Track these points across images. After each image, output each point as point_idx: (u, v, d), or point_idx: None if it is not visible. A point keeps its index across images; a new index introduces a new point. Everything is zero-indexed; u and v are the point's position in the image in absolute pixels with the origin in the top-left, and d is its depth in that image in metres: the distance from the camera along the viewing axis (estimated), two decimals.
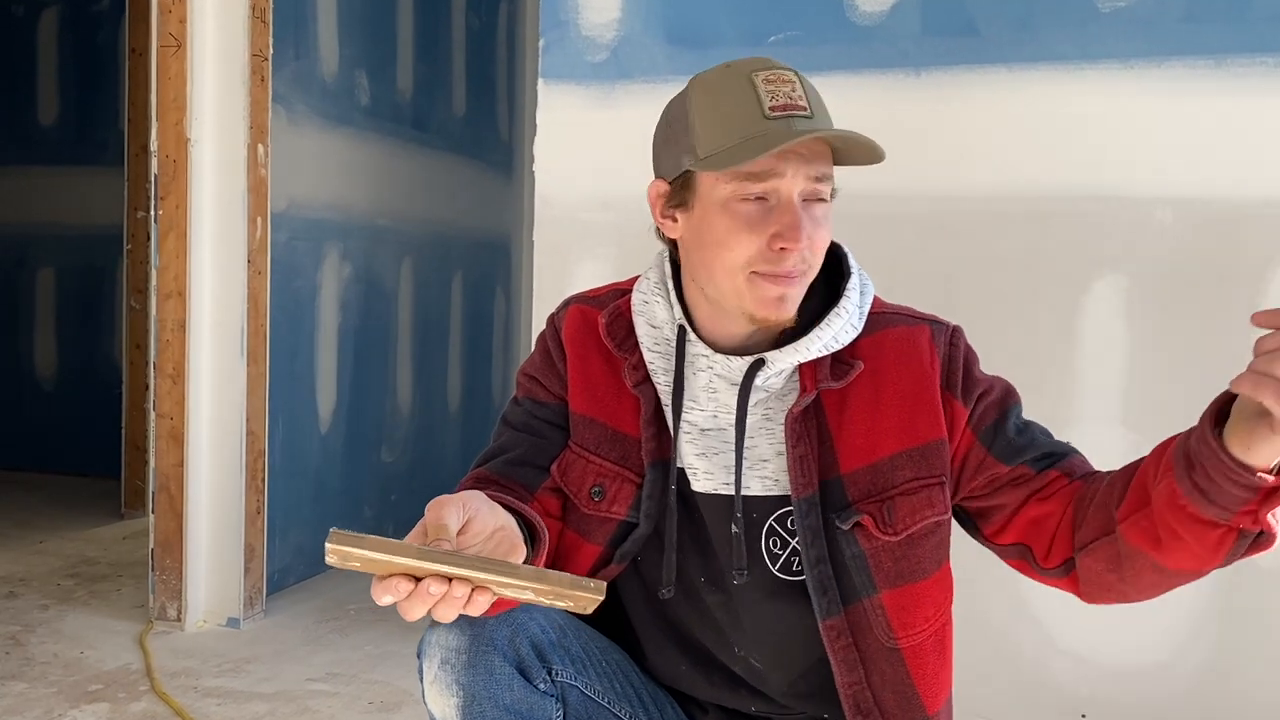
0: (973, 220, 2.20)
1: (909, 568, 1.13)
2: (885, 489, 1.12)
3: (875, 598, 1.12)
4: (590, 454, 1.17)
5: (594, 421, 1.18)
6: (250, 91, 2.74)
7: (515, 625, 1.08)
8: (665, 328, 1.16)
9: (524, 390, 1.23)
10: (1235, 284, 2.09)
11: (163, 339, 2.75)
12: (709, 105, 1.09)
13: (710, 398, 1.14)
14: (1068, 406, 2.18)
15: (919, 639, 1.14)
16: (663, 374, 1.15)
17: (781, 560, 1.14)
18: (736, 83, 1.08)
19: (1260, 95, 2.05)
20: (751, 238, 1.06)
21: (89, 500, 4.13)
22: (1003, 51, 2.17)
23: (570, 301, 1.25)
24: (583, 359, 1.20)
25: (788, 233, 1.06)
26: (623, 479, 1.16)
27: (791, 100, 1.06)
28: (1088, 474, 1.13)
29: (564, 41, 2.42)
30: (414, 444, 3.80)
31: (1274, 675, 2.11)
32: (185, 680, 2.43)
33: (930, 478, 1.13)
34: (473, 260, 4.15)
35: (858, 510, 1.12)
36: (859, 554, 1.12)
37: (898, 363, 1.14)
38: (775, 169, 1.06)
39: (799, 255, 1.07)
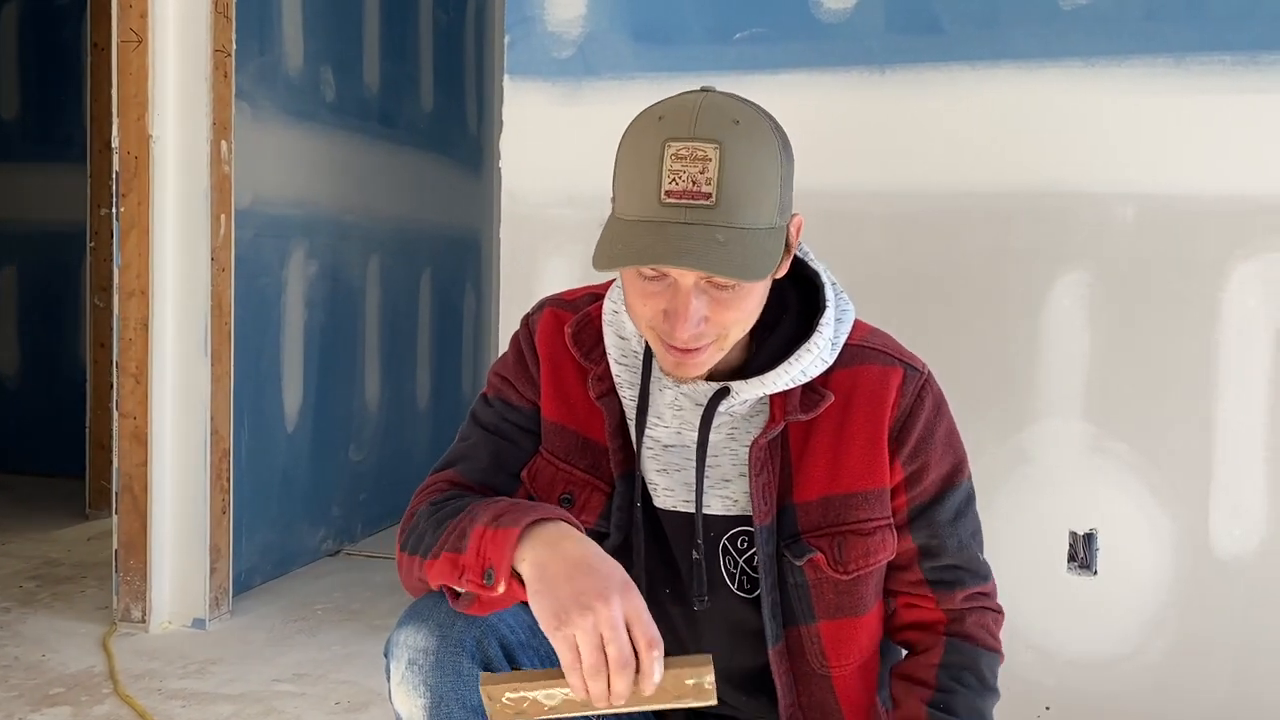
0: (937, 217, 2.22)
1: (849, 603, 1.14)
2: (837, 524, 1.12)
3: (813, 626, 1.14)
4: (561, 461, 1.17)
5: (565, 429, 1.17)
6: (213, 87, 2.71)
7: (485, 627, 1.07)
8: (634, 340, 1.15)
9: (495, 390, 1.22)
10: (1195, 279, 2.11)
11: (125, 338, 2.72)
12: (625, 161, 1.04)
13: (675, 415, 1.13)
14: (1031, 400, 2.19)
15: (848, 669, 1.16)
16: (628, 387, 1.14)
17: (737, 579, 1.15)
18: (651, 149, 1.00)
19: (1219, 93, 2.07)
20: (647, 307, 1.04)
21: (52, 501, 4.08)
22: (966, 49, 2.18)
23: (545, 304, 1.23)
24: (555, 365, 1.18)
25: (670, 314, 1.02)
26: (593, 488, 1.16)
27: (694, 187, 0.97)
28: (954, 613, 1.17)
29: (530, 38, 2.41)
30: (382, 442, 3.78)
31: (1234, 666, 2.14)
32: (149, 682, 2.41)
33: (883, 519, 1.13)
34: (442, 257, 4.13)
35: (811, 546, 1.12)
36: (802, 584, 1.13)
37: (866, 402, 1.13)
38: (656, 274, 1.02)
39: (693, 335, 1.03)
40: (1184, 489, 2.15)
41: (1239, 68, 2.06)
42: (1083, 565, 2.21)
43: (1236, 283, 2.09)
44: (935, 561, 1.16)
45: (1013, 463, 2.21)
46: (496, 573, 0.97)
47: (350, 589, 3.14)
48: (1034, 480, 2.20)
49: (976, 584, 1.18)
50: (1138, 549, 2.17)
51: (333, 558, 3.49)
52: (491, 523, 1.00)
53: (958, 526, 1.16)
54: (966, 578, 1.17)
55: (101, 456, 3.86)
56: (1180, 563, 2.15)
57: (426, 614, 1.09)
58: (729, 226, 0.98)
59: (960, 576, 1.17)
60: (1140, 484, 2.16)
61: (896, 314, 2.24)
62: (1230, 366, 2.11)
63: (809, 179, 2.30)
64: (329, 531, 3.51)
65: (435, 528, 1.07)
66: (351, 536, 3.63)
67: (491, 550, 0.98)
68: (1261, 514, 2.11)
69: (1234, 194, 2.08)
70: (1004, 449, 2.21)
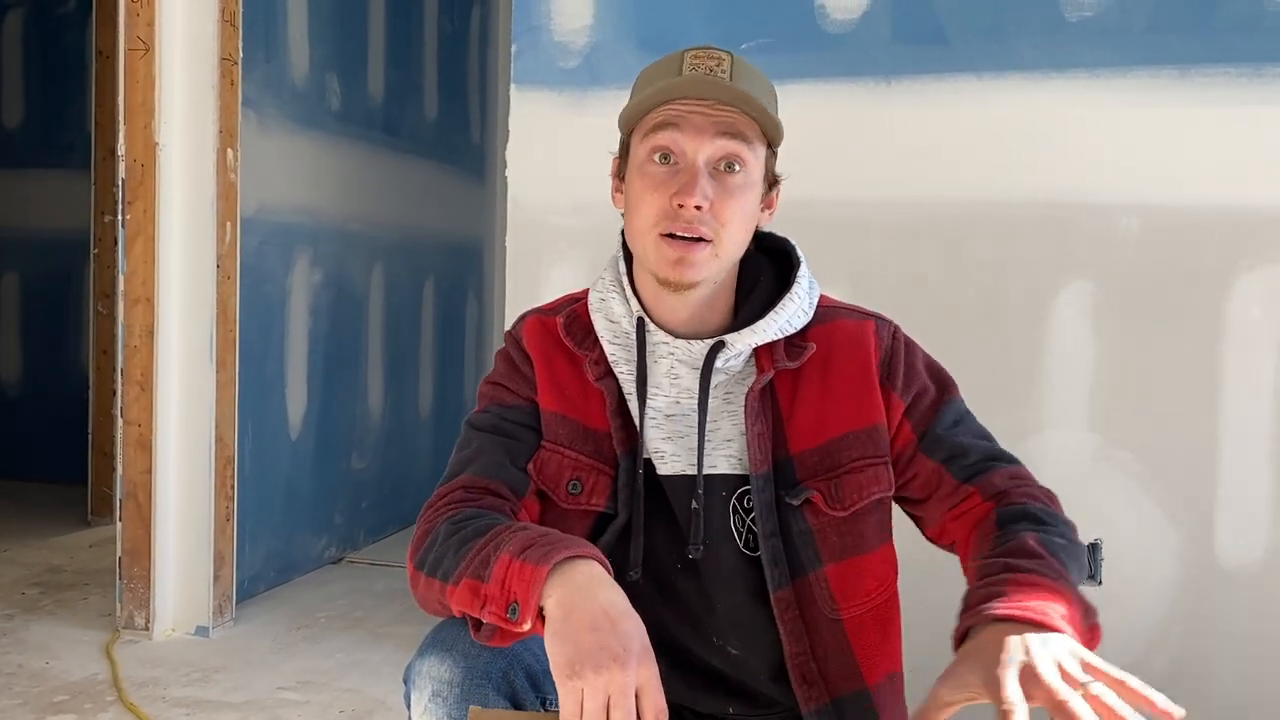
0: (942, 226, 2.22)
1: (852, 542, 1.17)
2: (833, 468, 1.17)
3: (820, 571, 1.16)
4: (565, 449, 1.19)
5: (565, 418, 1.20)
6: (219, 95, 2.72)
7: (510, 657, 1.06)
8: (623, 321, 1.20)
9: (488, 399, 1.24)
10: (1200, 290, 2.12)
11: (130, 345, 2.72)
12: (643, 77, 1.20)
13: (673, 383, 1.18)
14: (1036, 410, 2.20)
15: (860, 612, 1.17)
16: (625, 365, 1.19)
17: (743, 535, 1.17)
18: (670, 59, 1.16)
19: (1223, 104, 2.08)
20: (656, 196, 1.13)
21: (55, 507, 4.07)
22: (972, 60, 2.19)
23: (526, 315, 1.29)
24: (548, 361, 1.22)
25: (684, 189, 1.11)
26: (598, 471, 1.18)
27: (710, 70, 1.12)
28: (998, 494, 1.15)
29: (536, 47, 2.42)
30: (385, 450, 3.78)
31: (1238, 677, 2.14)
32: (153, 690, 2.41)
33: (875, 457, 1.18)
34: (444, 265, 4.14)
35: (807, 488, 1.16)
36: (806, 529, 1.16)
37: (846, 349, 1.20)
38: (674, 121, 1.12)
39: (698, 216, 1.11)
40: (1189, 499, 2.15)
41: (1243, 80, 2.07)
42: (1088, 575, 2.21)
43: (1240, 293, 2.10)
44: (961, 462, 1.18)
45: None
46: (522, 609, 0.95)
47: (353, 596, 3.14)
48: None
49: (1011, 466, 1.18)
50: (1143, 559, 2.17)
51: (335, 565, 3.49)
52: (520, 554, 0.97)
53: (967, 426, 1.21)
54: (997, 464, 1.18)
55: (104, 463, 3.86)
56: (1185, 573, 2.15)
57: (451, 643, 1.07)
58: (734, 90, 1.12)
59: (990, 465, 1.18)
60: (1145, 494, 2.16)
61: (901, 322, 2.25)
62: (1234, 377, 2.11)
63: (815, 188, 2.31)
64: (332, 539, 3.51)
65: (457, 549, 1.04)
66: (354, 544, 3.63)
67: (518, 584, 0.95)
68: (1267, 525, 2.11)
69: (1238, 205, 2.09)
70: None
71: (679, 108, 1.12)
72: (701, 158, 1.12)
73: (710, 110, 1.12)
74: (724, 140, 1.12)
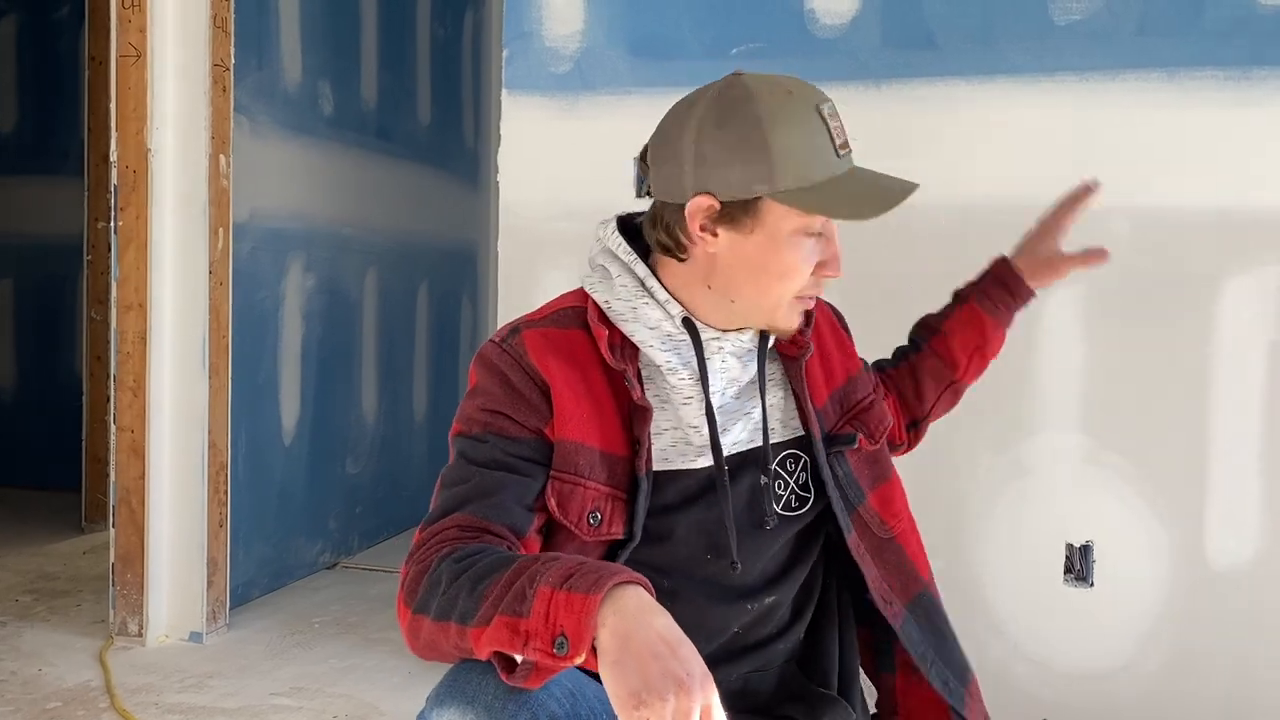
0: (932, 230, 2.23)
1: (880, 470, 1.30)
2: (850, 410, 1.29)
3: (866, 502, 1.27)
4: (585, 480, 1.14)
5: (584, 446, 1.14)
6: (211, 101, 2.72)
7: (535, 706, 1.00)
8: (663, 324, 1.17)
9: (483, 426, 1.15)
10: (1189, 292, 2.13)
11: (123, 351, 2.72)
12: (788, 134, 1.11)
13: (723, 374, 1.21)
14: (1028, 413, 2.21)
15: (904, 525, 1.31)
16: (682, 368, 1.17)
17: (783, 500, 1.23)
18: (810, 117, 1.13)
19: (1210, 107, 2.09)
20: (807, 269, 1.16)
21: (48, 514, 4.07)
22: (961, 64, 2.20)
23: (520, 327, 1.19)
24: (567, 381, 1.15)
25: (832, 263, 1.17)
26: (614, 499, 1.15)
27: (845, 137, 1.16)
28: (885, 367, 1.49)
29: (528, 53, 2.43)
30: (379, 455, 3.78)
31: (1230, 677, 2.15)
32: (146, 696, 2.41)
33: (875, 391, 1.34)
34: (438, 269, 4.14)
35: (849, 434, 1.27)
36: (848, 470, 1.26)
37: (821, 316, 1.34)
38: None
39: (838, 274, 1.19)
40: (1179, 501, 2.16)
41: (1230, 82, 2.08)
42: (1079, 577, 2.22)
43: (1230, 296, 2.11)
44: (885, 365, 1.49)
45: (1010, 475, 2.22)
46: (573, 642, 0.90)
47: (347, 602, 3.14)
48: (1031, 493, 2.21)
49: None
50: (1134, 561, 2.18)
51: (329, 571, 3.48)
52: (562, 584, 0.92)
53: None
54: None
55: (97, 470, 3.85)
56: (1176, 574, 2.16)
57: (472, 694, 1.01)
58: (904, 186, 1.19)
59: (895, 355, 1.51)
60: (1136, 496, 2.17)
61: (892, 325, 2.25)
62: (1225, 379, 2.12)
63: None
64: (326, 544, 3.51)
65: (471, 588, 0.98)
66: (348, 550, 3.63)
67: (565, 616, 0.90)
68: (1256, 526, 2.12)
69: (1227, 207, 2.10)
70: (1001, 461, 2.22)
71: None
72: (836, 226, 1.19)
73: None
74: None
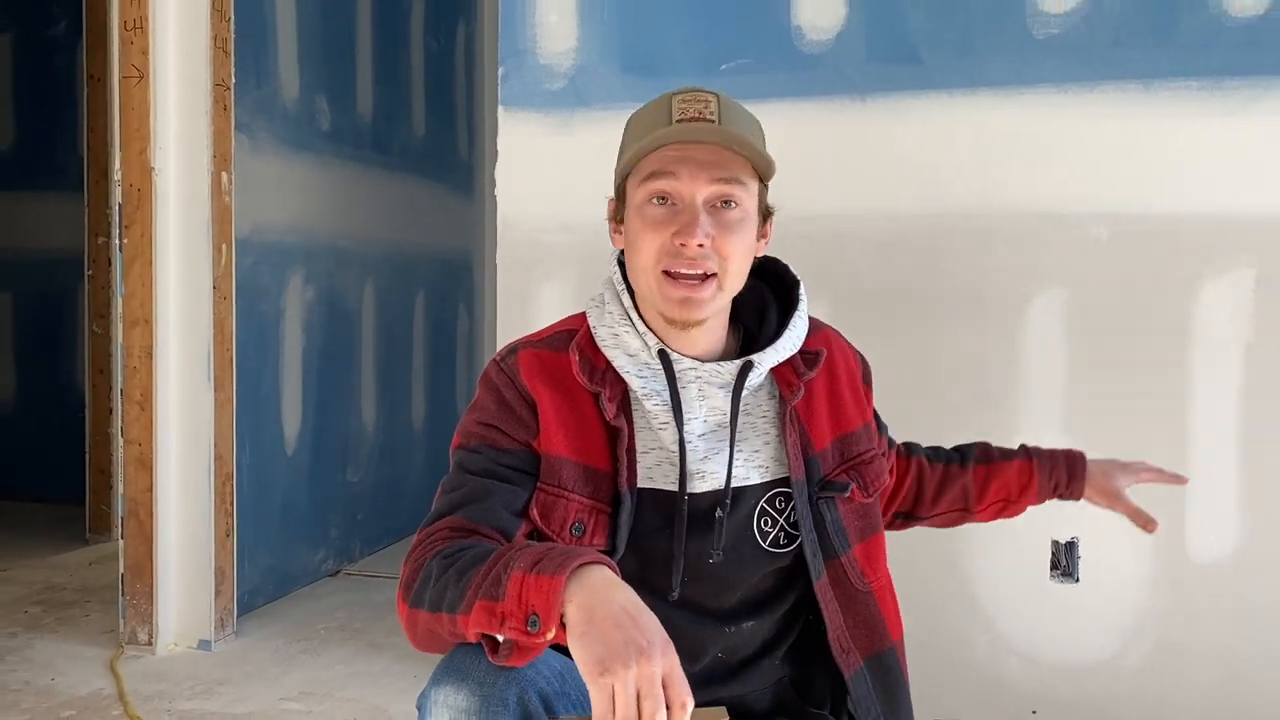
0: (918, 239, 2.30)
1: (870, 523, 1.33)
2: (850, 460, 1.31)
3: (850, 553, 1.29)
4: (569, 493, 1.22)
5: (569, 461, 1.23)
6: (213, 120, 2.78)
7: (524, 682, 1.09)
8: (641, 354, 1.24)
9: (479, 439, 1.24)
10: (1167, 296, 2.20)
11: (130, 366, 2.77)
12: (634, 124, 1.25)
13: (702, 403, 1.24)
14: (1012, 414, 2.27)
15: (880, 582, 1.33)
16: (656, 395, 1.23)
17: (770, 536, 1.26)
18: (659, 103, 1.22)
19: (1186, 116, 2.16)
20: (656, 235, 1.19)
21: (51, 526, 4.11)
22: (943, 77, 2.27)
23: (518, 347, 1.29)
24: (552, 401, 1.23)
25: (684, 229, 1.18)
26: (598, 512, 1.22)
27: (700, 114, 1.18)
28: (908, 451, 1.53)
29: (522, 70, 2.49)
30: (379, 463, 3.84)
31: (1213, 669, 2.21)
32: (158, 703, 2.46)
33: (877, 447, 1.36)
34: (435, 280, 4.20)
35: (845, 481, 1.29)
36: (837, 518, 1.29)
37: (841, 359, 1.35)
38: (670, 169, 1.18)
39: (701, 253, 1.18)
40: (1161, 498, 2.21)
41: (1204, 93, 2.15)
42: (1065, 573, 2.28)
43: (1207, 299, 2.17)
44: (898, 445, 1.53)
45: None
46: (543, 620, 0.98)
47: (351, 608, 3.19)
48: None
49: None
50: (1118, 556, 2.24)
51: (332, 578, 3.54)
52: (532, 568, 1.00)
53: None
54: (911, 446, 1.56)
55: (101, 482, 3.90)
56: (1159, 570, 2.23)
57: (466, 671, 1.09)
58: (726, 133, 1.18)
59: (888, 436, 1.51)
60: None
61: (880, 332, 2.32)
62: (1202, 379, 2.19)
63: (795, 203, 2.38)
64: (328, 552, 3.56)
65: (458, 579, 1.06)
66: (350, 556, 3.69)
67: (535, 596, 0.98)
68: (1236, 521, 2.19)
69: (1203, 213, 2.17)
70: None
71: (673, 153, 1.18)
72: (699, 199, 1.18)
73: (703, 154, 1.18)
74: (719, 185, 1.18)
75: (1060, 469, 1.51)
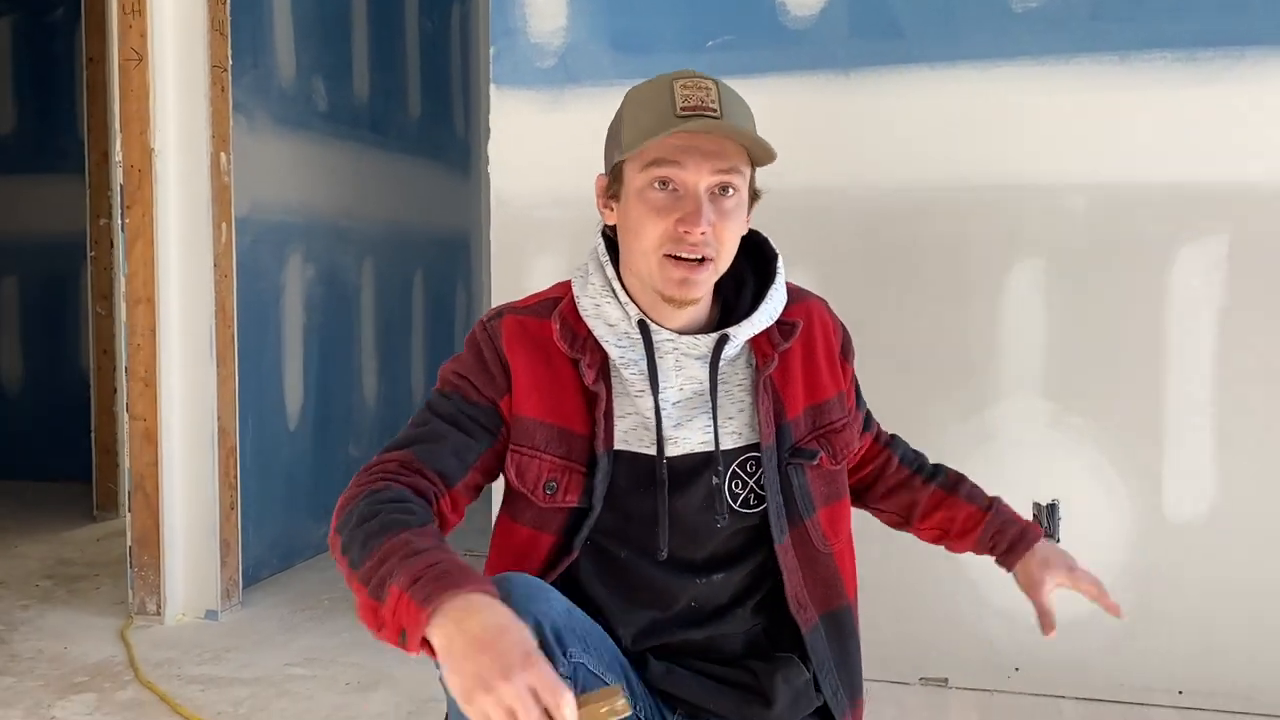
0: (900, 210, 2.35)
1: (836, 489, 1.38)
2: (821, 428, 1.35)
3: (814, 516, 1.35)
4: (541, 452, 1.29)
5: (541, 423, 1.29)
6: (211, 102, 2.83)
7: (539, 614, 1.15)
8: (621, 324, 1.29)
9: (453, 386, 1.31)
10: (1142, 262, 2.25)
11: (133, 344, 2.84)
12: (634, 107, 1.26)
13: (678, 373, 1.30)
14: (994, 381, 2.33)
15: (841, 545, 1.38)
16: (634, 365, 1.29)
17: (741, 498, 1.32)
18: (658, 88, 1.24)
19: (1160, 87, 2.21)
20: (659, 221, 1.23)
21: (60, 504, 4.19)
22: (925, 51, 2.31)
23: (504, 312, 1.34)
24: (529, 366, 1.30)
25: (688, 217, 1.21)
26: (571, 471, 1.29)
27: (702, 103, 1.21)
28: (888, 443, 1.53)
29: (514, 49, 2.53)
30: (381, 437, 3.90)
31: (1189, 624, 2.28)
32: (168, 670, 2.54)
33: (848, 415, 1.39)
34: (433, 257, 4.26)
35: (815, 449, 1.33)
36: (804, 484, 1.33)
37: (820, 329, 1.38)
38: (676, 158, 1.21)
39: (701, 239, 1.22)
40: (1139, 459, 2.29)
41: (1178, 64, 2.20)
42: (1047, 534, 2.33)
43: (1181, 265, 2.23)
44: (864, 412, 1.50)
45: (977, 440, 2.34)
46: (409, 641, 1.04)
47: None
48: (997, 455, 2.34)
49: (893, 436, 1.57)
50: (1096, 517, 2.31)
51: None
52: (409, 587, 1.04)
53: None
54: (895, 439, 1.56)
55: (107, 460, 3.98)
56: (1137, 529, 2.29)
57: None
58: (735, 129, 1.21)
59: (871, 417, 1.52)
60: (1097, 456, 2.30)
61: (863, 302, 2.38)
62: (1177, 343, 2.25)
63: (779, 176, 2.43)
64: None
65: (363, 543, 1.13)
66: None
67: (405, 618, 1.04)
68: (1211, 481, 2.25)
69: (1176, 181, 2.22)
70: (968, 427, 2.35)
71: (679, 141, 1.21)
72: (702, 186, 1.22)
73: (708, 144, 1.21)
74: (721, 175, 1.22)
75: (1006, 537, 1.46)
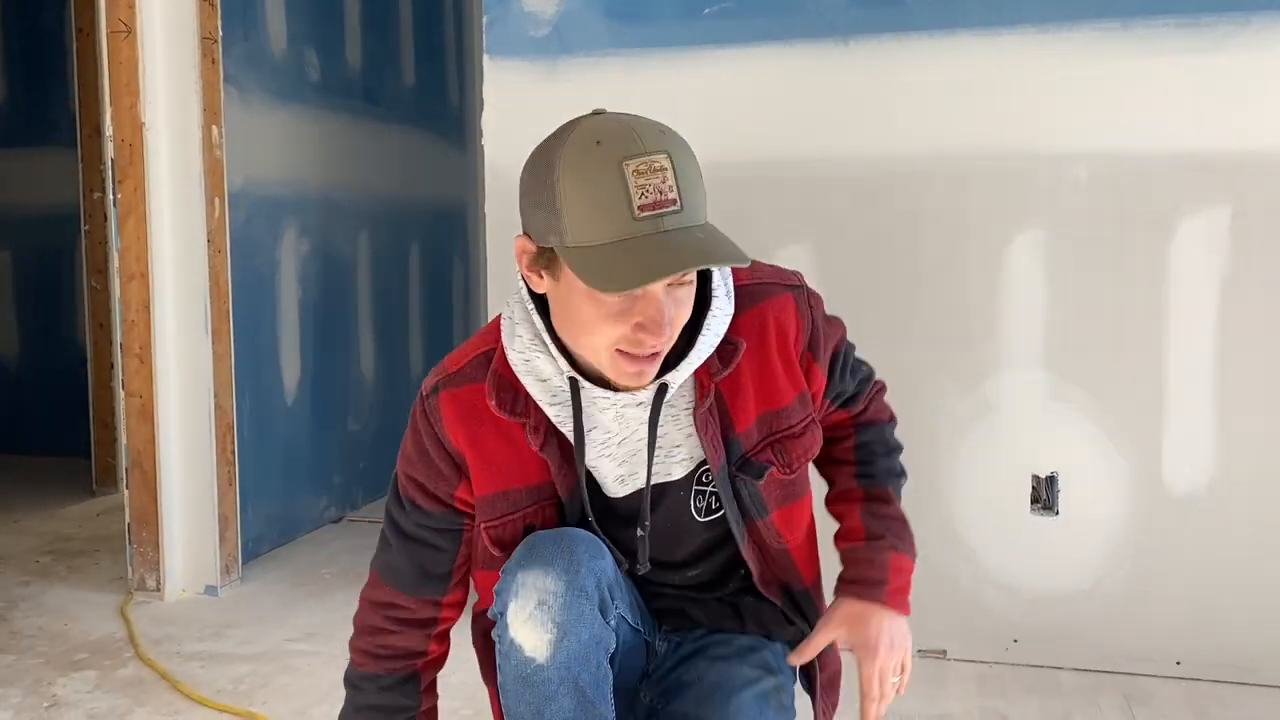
0: (899, 180, 2.32)
1: (792, 492, 1.34)
2: (773, 434, 1.29)
3: (768, 519, 1.33)
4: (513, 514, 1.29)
5: (507, 492, 1.28)
6: (201, 74, 2.79)
7: (599, 573, 1.22)
8: (554, 379, 1.21)
9: (407, 495, 1.33)
10: (1144, 233, 2.23)
11: (128, 320, 2.82)
12: (577, 189, 1.05)
13: (620, 423, 1.25)
14: (994, 352, 2.32)
15: (799, 539, 1.38)
16: (568, 421, 1.23)
17: (703, 508, 1.33)
18: (606, 172, 1.04)
19: (1163, 55, 2.18)
20: (615, 326, 1.10)
21: (59, 479, 4.19)
22: (925, 19, 2.28)
23: (437, 389, 1.27)
24: (475, 444, 1.26)
25: (650, 325, 1.09)
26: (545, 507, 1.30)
27: (661, 196, 1.04)
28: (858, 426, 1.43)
29: (507, 18, 2.50)
30: (379, 412, 3.90)
31: (1188, 597, 2.28)
32: (168, 646, 2.54)
33: (808, 418, 1.31)
34: (429, 229, 4.23)
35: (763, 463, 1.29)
36: (754, 493, 1.31)
37: (777, 334, 1.26)
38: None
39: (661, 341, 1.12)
40: (1139, 432, 2.28)
41: (1182, 30, 2.17)
42: (1045, 507, 2.34)
43: (1182, 236, 2.21)
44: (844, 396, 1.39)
45: (977, 412, 2.33)
46: None
47: (354, 554, 3.27)
48: (998, 428, 2.33)
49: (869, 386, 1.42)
50: (1097, 490, 2.30)
51: (335, 524, 3.61)
52: None
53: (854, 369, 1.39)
54: (864, 388, 1.41)
55: (105, 434, 3.97)
56: (1137, 501, 2.29)
57: (551, 559, 1.21)
58: (695, 224, 1.06)
59: (861, 389, 1.40)
60: (1098, 428, 2.29)
61: (862, 272, 2.36)
62: (1179, 314, 2.23)
63: (779, 147, 2.41)
64: (331, 499, 3.63)
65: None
66: (352, 504, 3.76)
67: None
68: (1211, 454, 2.24)
69: (1178, 151, 2.19)
70: (968, 399, 2.34)
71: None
72: (661, 289, 1.09)
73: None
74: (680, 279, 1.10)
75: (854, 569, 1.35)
